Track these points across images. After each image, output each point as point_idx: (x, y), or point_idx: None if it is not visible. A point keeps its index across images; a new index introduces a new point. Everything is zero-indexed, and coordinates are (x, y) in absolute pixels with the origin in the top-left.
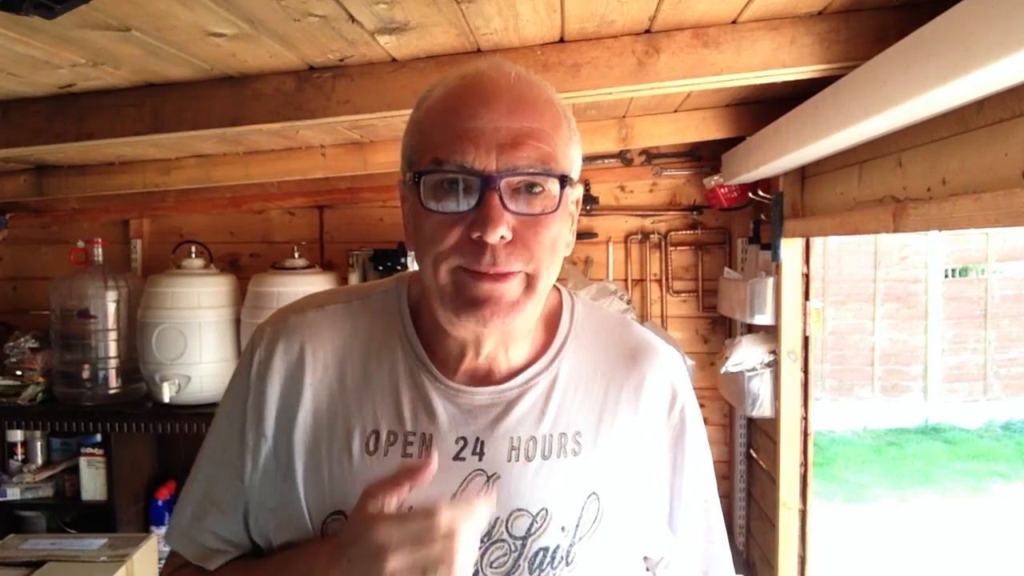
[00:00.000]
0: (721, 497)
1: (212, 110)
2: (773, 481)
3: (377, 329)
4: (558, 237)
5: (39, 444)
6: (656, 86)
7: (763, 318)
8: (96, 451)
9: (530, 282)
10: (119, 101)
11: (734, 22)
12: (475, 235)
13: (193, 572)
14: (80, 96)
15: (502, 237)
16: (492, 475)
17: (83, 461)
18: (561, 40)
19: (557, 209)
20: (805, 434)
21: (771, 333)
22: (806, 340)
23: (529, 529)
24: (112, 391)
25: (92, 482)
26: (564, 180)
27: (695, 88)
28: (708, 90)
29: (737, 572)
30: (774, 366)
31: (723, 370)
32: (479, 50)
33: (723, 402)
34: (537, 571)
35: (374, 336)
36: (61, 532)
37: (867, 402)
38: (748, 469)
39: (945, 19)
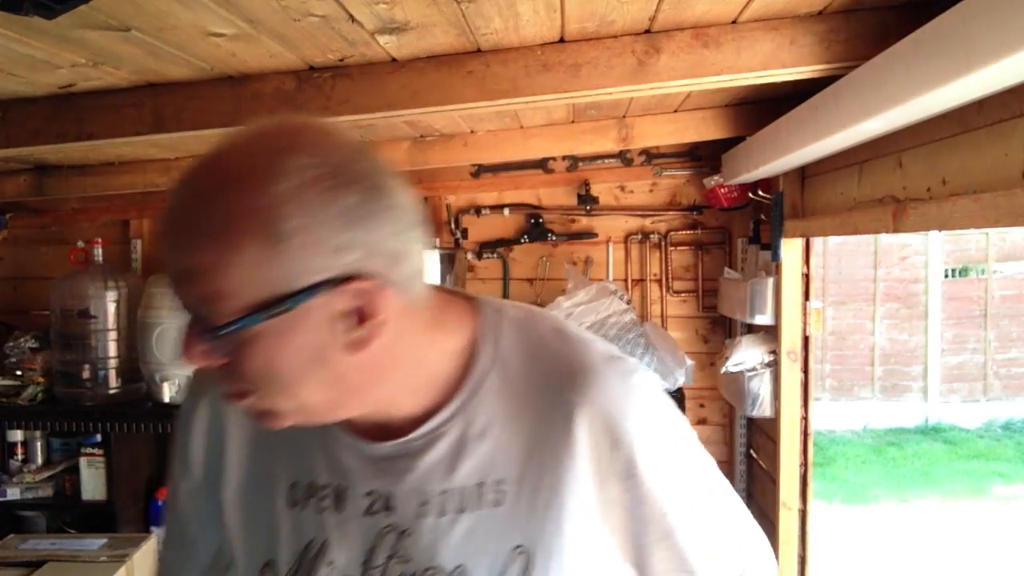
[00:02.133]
0: None
1: (212, 110)
2: (773, 481)
3: None
4: (281, 370)
5: (39, 444)
6: (656, 86)
7: (763, 318)
8: (96, 451)
9: (271, 403)
10: (119, 101)
11: (734, 22)
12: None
13: None
14: (80, 96)
15: (221, 365)
16: (404, 531)
17: (83, 461)
18: (561, 40)
19: (246, 347)
20: (805, 434)
21: (771, 333)
22: (806, 340)
23: None
24: (112, 391)
25: (92, 482)
26: (265, 307)
27: (695, 88)
28: (708, 90)
29: None
30: (774, 366)
31: (723, 370)
32: (479, 50)
33: (723, 402)
34: None
35: None
36: (61, 532)
37: (867, 402)
38: (748, 469)
39: (945, 19)
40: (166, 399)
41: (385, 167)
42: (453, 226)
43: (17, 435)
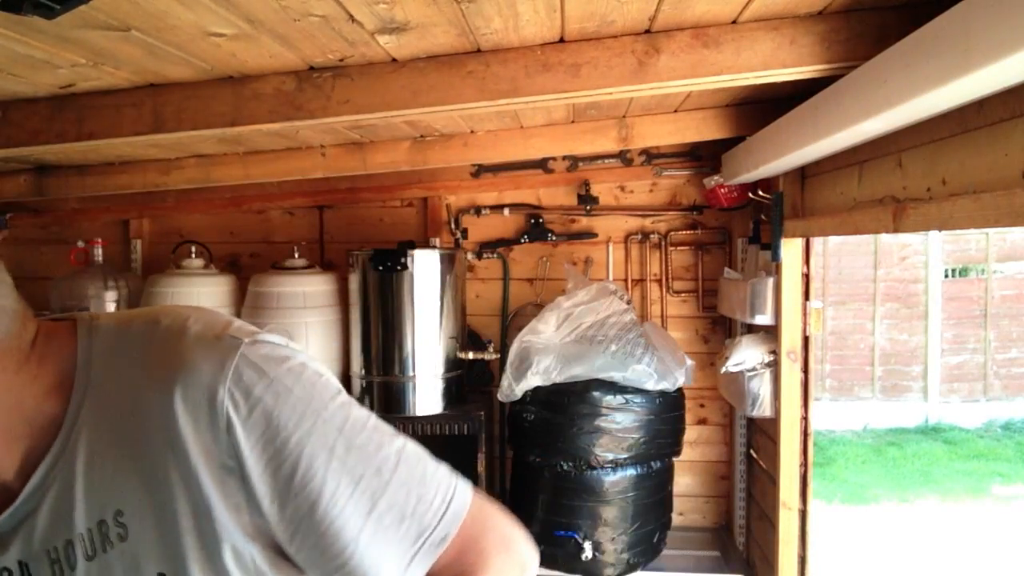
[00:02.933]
0: (721, 497)
1: (212, 110)
2: (773, 481)
3: None
4: None
5: None
6: (656, 86)
7: (763, 318)
8: None
9: None
10: (119, 101)
11: (734, 22)
12: None
13: None
14: (80, 96)
15: None
16: None
17: None
18: (561, 40)
19: None
20: (805, 434)
21: (771, 333)
22: (806, 340)
23: None
24: None
25: None
26: None
27: (695, 88)
28: (708, 90)
29: (737, 572)
30: (774, 366)
31: (723, 370)
32: (479, 50)
33: (723, 402)
34: None
35: None
36: None
37: (867, 402)
38: (748, 469)
39: (945, 19)
40: None
41: None
42: (453, 226)
43: None
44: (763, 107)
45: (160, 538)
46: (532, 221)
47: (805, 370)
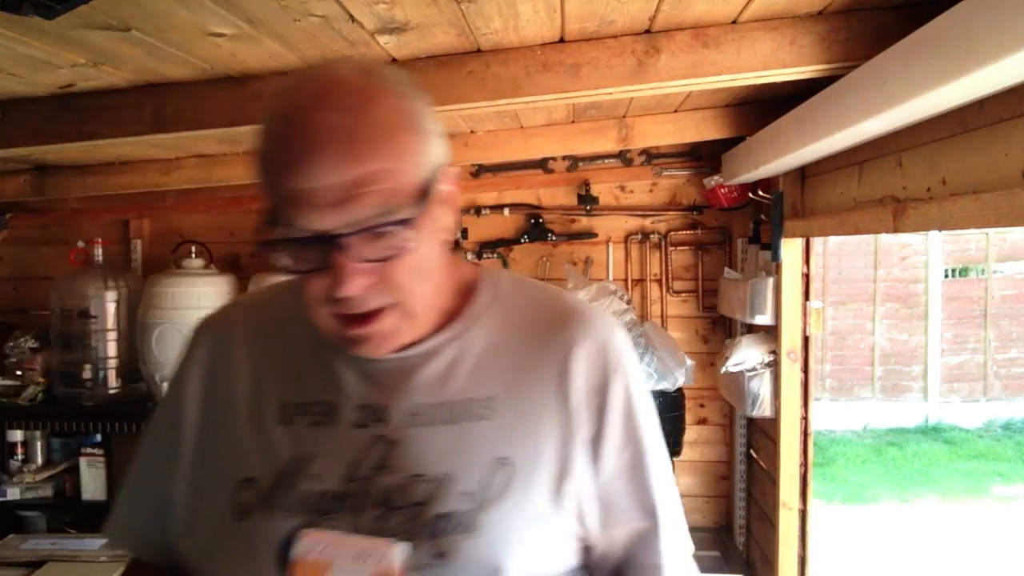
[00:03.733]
0: (721, 497)
1: (212, 110)
2: (773, 481)
3: (287, 310)
4: (423, 260)
5: (39, 444)
6: (656, 86)
7: (763, 318)
8: (96, 451)
9: (403, 310)
10: (119, 101)
11: (734, 22)
12: (343, 303)
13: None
14: (80, 96)
15: (371, 284)
16: (393, 441)
17: (83, 461)
18: (561, 40)
19: (412, 241)
20: (805, 434)
21: (771, 333)
22: (806, 340)
23: (429, 495)
24: (112, 391)
25: (92, 482)
26: (422, 194)
27: (695, 88)
28: (708, 90)
29: (737, 572)
30: (774, 366)
31: (723, 370)
32: (479, 50)
33: (723, 402)
34: (437, 538)
35: (286, 317)
36: (61, 532)
37: (867, 402)
38: (748, 469)
39: (945, 19)
40: None
41: None
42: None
43: (17, 435)
44: (763, 107)
45: (515, 430)
46: (532, 221)
47: (805, 370)
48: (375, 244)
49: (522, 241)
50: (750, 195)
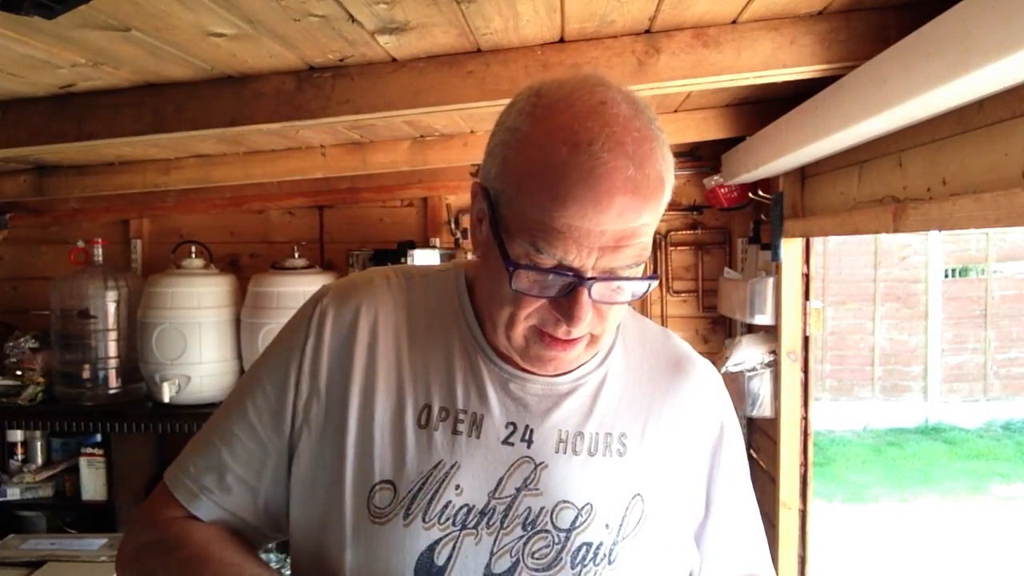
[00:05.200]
0: None
1: (212, 110)
2: (773, 481)
3: (435, 306)
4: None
5: (39, 444)
6: (656, 86)
7: (763, 318)
8: (96, 451)
9: (594, 340)
10: (119, 101)
11: (734, 22)
12: (560, 327)
13: (180, 524)
14: (80, 96)
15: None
16: (540, 464)
17: (83, 461)
18: (561, 40)
19: (642, 290)
20: (805, 434)
21: (771, 333)
22: (806, 340)
23: (574, 522)
24: (112, 391)
25: (92, 482)
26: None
27: (695, 88)
28: (708, 90)
29: None
30: (774, 366)
31: (723, 370)
32: (479, 50)
33: None
34: (579, 566)
35: (432, 313)
36: (61, 532)
37: (867, 402)
38: (748, 469)
39: (945, 19)
40: (166, 399)
41: None
42: (453, 226)
43: (17, 435)
44: (763, 107)
45: (646, 467)
46: None
47: (805, 370)
48: (615, 291)
49: None
50: (750, 195)
